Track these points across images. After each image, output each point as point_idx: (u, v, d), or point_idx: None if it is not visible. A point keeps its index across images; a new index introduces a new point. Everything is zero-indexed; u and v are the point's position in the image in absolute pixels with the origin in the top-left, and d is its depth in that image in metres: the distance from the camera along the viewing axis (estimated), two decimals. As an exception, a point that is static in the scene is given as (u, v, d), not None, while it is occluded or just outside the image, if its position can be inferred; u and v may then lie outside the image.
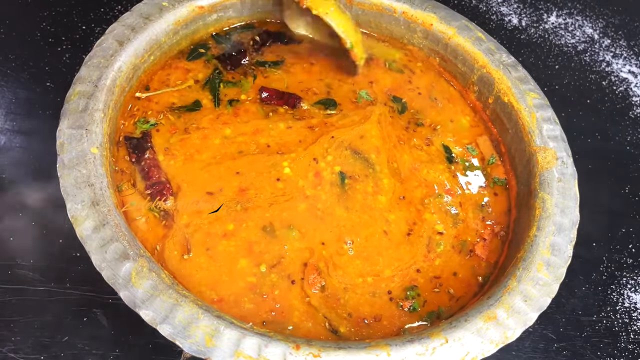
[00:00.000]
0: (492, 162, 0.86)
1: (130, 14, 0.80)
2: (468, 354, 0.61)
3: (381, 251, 0.74)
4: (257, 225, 0.72)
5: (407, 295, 0.71)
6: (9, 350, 0.71)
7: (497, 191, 0.83)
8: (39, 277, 0.76)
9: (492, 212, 0.81)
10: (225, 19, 0.90)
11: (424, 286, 0.73)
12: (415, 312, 0.71)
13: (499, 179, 0.84)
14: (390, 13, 0.93)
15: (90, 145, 0.67)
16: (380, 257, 0.74)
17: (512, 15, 1.24)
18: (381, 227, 0.75)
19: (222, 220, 0.71)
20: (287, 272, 0.70)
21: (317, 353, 0.58)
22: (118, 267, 0.60)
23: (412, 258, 0.74)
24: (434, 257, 0.75)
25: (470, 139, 0.88)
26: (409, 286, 0.72)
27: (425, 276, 0.74)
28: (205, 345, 0.57)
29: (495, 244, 0.78)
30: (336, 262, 0.72)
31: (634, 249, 0.95)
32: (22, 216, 0.81)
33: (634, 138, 1.09)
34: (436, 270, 0.74)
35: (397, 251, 0.74)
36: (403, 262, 0.74)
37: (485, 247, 0.78)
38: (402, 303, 0.71)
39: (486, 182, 0.84)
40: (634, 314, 0.88)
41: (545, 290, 0.67)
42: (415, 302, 0.71)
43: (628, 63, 1.20)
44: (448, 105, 0.91)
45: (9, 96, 0.93)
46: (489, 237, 0.79)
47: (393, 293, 0.71)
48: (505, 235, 0.79)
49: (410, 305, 0.71)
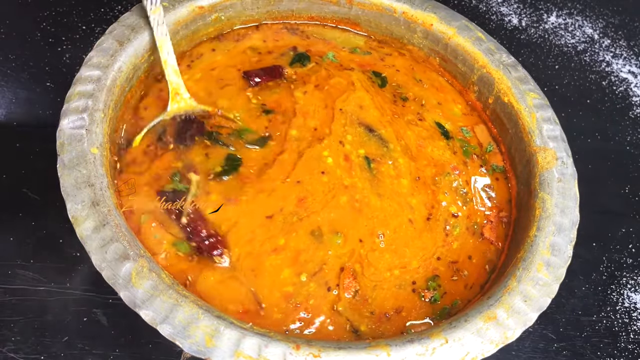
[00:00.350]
0: (490, 150, 0.86)
1: (130, 14, 0.80)
2: (468, 354, 0.61)
3: (407, 242, 0.74)
4: (307, 232, 0.71)
5: (428, 285, 0.72)
6: (9, 350, 0.71)
7: (497, 177, 0.84)
8: (39, 277, 0.76)
9: (496, 195, 0.82)
10: (226, 19, 0.90)
11: (444, 275, 0.74)
12: (436, 303, 0.71)
13: (497, 166, 0.85)
14: (390, 13, 0.93)
15: (90, 146, 0.67)
16: (407, 249, 0.74)
17: (512, 15, 1.24)
18: (407, 216, 0.76)
19: (275, 238, 0.70)
20: (326, 279, 0.69)
21: (317, 353, 0.58)
22: (118, 267, 0.60)
23: (433, 245, 0.75)
24: (452, 240, 0.76)
25: (464, 123, 0.88)
26: (431, 276, 0.73)
27: (444, 263, 0.74)
28: (205, 345, 0.57)
29: (500, 229, 0.79)
30: (370, 259, 0.72)
31: (634, 249, 0.95)
32: (22, 216, 0.81)
33: (634, 138, 1.09)
34: (454, 255, 0.75)
35: (420, 240, 0.75)
36: (427, 251, 0.74)
37: (493, 229, 0.79)
38: (423, 293, 0.71)
39: (486, 168, 0.84)
40: (634, 314, 0.88)
41: (545, 290, 0.67)
42: (436, 293, 0.72)
43: (628, 63, 1.20)
44: (432, 89, 0.91)
45: (9, 96, 0.93)
46: (495, 219, 0.80)
47: (417, 284, 0.72)
48: (508, 221, 0.80)
49: (431, 296, 0.71)
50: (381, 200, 0.75)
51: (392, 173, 0.78)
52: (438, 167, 0.81)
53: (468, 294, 0.73)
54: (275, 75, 0.85)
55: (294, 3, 0.93)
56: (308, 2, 0.93)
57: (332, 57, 0.90)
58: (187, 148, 0.74)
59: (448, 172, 0.81)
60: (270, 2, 0.92)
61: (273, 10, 0.93)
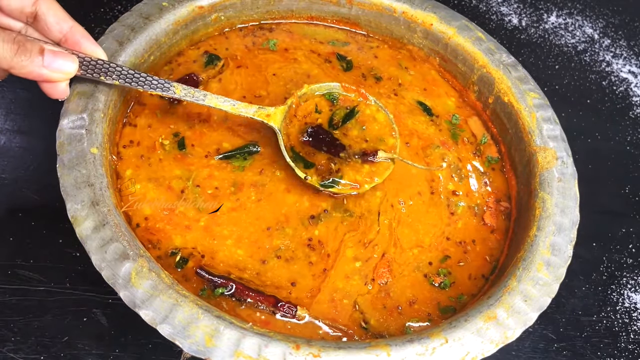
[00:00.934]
0: (484, 142, 0.87)
1: (130, 14, 0.80)
2: (468, 354, 0.61)
3: (420, 216, 0.78)
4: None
5: (439, 271, 0.74)
6: (9, 350, 0.71)
7: (493, 167, 0.85)
8: (39, 277, 0.76)
9: (492, 182, 0.84)
10: (225, 19, 0.90)
11: (454, 256, 0.76)
12: (445, 289, 0.73)
13: (492, 157, 0.86)
14: (390, 13, 0.93)
15: (90, 145, 0.67)
16: (420, 224, 0.77)
17: (512, 15, 1.24)
18: (416, 188, 0.79)
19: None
20: (366, 272, 0.72)
21: (317, 353, 0.58)
22: (118, 267, 0.60)
23: (441, 221, 0.78)
24: (457, 219, 0.79)
25: (457, 113, 0.89)
26: (442, 257, 0.75)
27: (453, 243, 0.77)
28: (205, 345, 0.57)
29: (501, 220, 0.80)
30: (399, 235, 0.75)
31: (634, 249, 0.95)
32: (22, 216, 0.81)
33: (634, 138, 1.09)
34: (459, 234, 0.77)
35: (429, 215, 0.78)
36: (437, 228, 0.77)
37: (493, 216, 0.80)
38: (434, 279, 0.73)
39: (481, 159, 0.85)
40: (634, 314, 0.88)
41: (545, 290, 0.67)
42: (446, 279, 0.73)
43: (628, 63, 1.20)
44: (419, 76, 0.92)
45: (9, 96, 0.93)
46: (494, 206, 0.81)
47: (432, 265, 0.74)
48: (508, 215, 0.81)
49: (441, 281, 0.73)
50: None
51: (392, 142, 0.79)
52: (424, 140, 0.83)
53: (471, 286, 0.74)
54: (191, 83, 0.81)
55: (294, 3, 0.93)
56: (308, 2, 0.93)
57: (272, 45, 0.90)
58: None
59: (437, 145, 0.82)
60: (270, 2, 0.92)
61: (273, 10, 0.93)
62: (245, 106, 0.74)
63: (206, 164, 0.75)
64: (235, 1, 0.89)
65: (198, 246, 0.69)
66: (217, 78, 0.84)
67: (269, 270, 0.69)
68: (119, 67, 0.69)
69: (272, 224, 0.72)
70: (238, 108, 0.74)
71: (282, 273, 0.69)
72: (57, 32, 0.67)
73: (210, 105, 0.72)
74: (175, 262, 0.68)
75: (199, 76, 0.84)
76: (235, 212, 0.72)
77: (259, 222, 0.72)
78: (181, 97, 0.71)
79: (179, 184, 0.73)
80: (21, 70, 0.62)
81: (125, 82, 0.69)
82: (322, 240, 0.72)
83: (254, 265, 0.69)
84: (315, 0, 0.93)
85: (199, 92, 0.72)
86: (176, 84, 0.71)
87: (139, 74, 0.70)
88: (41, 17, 0.66)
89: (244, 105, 0.74)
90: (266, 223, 0.72)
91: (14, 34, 0.61)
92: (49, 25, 0.66)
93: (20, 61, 0.61)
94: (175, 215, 0.70)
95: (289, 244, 0.71)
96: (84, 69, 0.68)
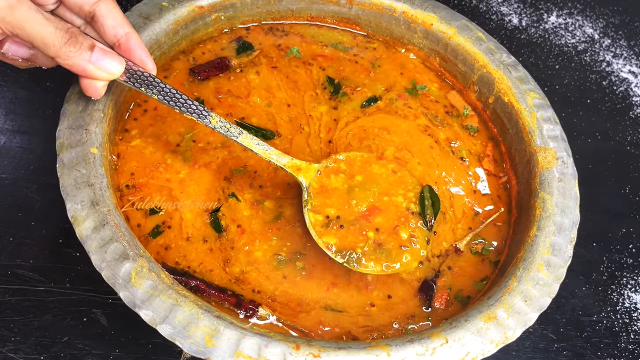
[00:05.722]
0: (466, 114, 0.90)
1: (130, 14, 0.80)
2: (468, 354, 0.61)
3: (438, 161, 0.83)
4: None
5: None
6: (9, 350, 0.71)
7: (478, 128, 0.89)
8: (38, 277, 0.76)
9: (479, 135, 0.88)
10: (225, 19, 0.90)
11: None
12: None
13: (472, 126, 0.88)
14: (390, 13, 0.93)
15: (90, 145, 0.67)
16: (437, 169, 0.82)
17: (512, 15, 1.24)
18: (427, 141, 0.85)
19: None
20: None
21: (317, 353, 0.58)
22: (118, 267, 0.60)
23: (454, 165, 0.83)
24: (467, 166, 0.84)
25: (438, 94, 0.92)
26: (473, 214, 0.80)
27: (468, 191, 0.82)
28: (205, 346, 0.57)
29: (498, 182, 0.84)
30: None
31: (634, 249, 0.95)
32: (21, 216, 0.81)
33: (634, 138, 1.09)
34: (472, 184, 0.83)
35: (447, 160, 0.84)
36: (455, 174, 0.83)
37: (491, 162, 0.85)
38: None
39: (461, 123, 0.89)
40: (634, 314, 0.88)
41: (546, 290, 0.67)
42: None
43: (628, 63, 1.20)
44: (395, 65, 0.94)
45: (9, 96, 0.93)
46: (491, 153, 0.86)
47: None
48: (507, 185, 0.83)
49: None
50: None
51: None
52: (396, 92, 0.89)
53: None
54: (222, 67, 0.85)
55: (294, 3, 0.93)
56: (308, 2, 0.93)
57: (296, 52, 0.90)
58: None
59: (416, 90, 0.89)
60: (270, 2, 0.92)
61: (273, 10, 0.93)
62: (277, 154, 0.71)
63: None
64: (235, 1, 0.89)
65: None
66: (255, 70, 0.86)
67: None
68: (162, 84, 0.68)
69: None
70: (270, 154, 0.70)
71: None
72: (111, 36, 0.67)
73: (243, 144, 0.69)
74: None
75: (230, 61, 0.85)
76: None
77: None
78: (215, 128, 0.69)
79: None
80: (66, 61, 0.61)
81: (164, 100, 0.68)
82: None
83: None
84: (315, 0, 0.93)
85: (235, 127, 0.69)
86: (214, 114, 0.69)
87: (180, 94, 0.68)
88: (99, 18, 0.66)
89: (277, 153, 0.71)
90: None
91: (68, 25, 0.61)
92: (105, 27, 0.66)
93: (68, 51, 0.61)
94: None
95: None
96: (128, 76, 0.67)
